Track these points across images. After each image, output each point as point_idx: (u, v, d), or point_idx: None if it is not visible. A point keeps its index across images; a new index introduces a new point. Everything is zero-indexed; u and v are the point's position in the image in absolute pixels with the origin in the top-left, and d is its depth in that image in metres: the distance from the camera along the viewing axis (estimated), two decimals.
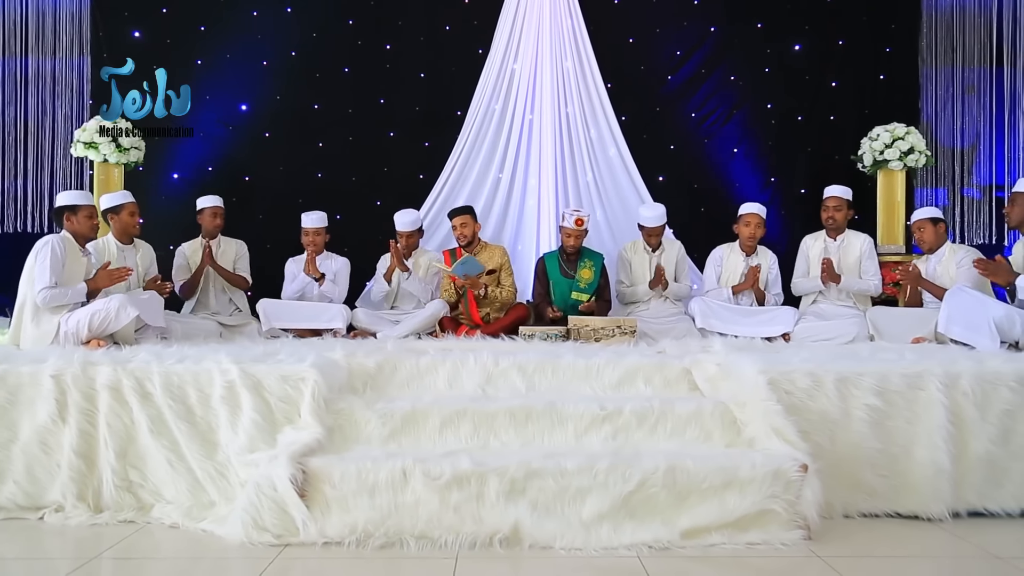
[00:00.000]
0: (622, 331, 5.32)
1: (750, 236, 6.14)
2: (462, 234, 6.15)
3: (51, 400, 3.67)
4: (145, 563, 3.21)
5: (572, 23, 7.29)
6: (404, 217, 6.30)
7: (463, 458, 3.28)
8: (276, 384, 3.67)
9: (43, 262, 4.60)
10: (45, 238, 4.72)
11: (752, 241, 6.15)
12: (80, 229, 4.90)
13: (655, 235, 6.25)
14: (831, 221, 6.06)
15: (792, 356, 4.08)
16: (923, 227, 5.66)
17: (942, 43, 7.80)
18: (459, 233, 6.16)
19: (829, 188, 6.17)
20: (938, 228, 5.65)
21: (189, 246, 6.29)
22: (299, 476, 3.19)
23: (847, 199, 6.09)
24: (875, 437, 3.64)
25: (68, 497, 3.61)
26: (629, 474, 3.21)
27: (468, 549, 3.10)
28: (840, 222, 6.07)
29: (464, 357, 4.23)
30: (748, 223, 6.15)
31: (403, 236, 6.26)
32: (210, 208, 6.28)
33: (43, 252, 4.63)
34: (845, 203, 6.07)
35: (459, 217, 6.21)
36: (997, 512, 3.64)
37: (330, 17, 7.48)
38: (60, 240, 4.73)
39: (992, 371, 3.73)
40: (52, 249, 4.63)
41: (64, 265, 4.70)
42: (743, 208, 6.22)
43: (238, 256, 6.34)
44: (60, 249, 4.68)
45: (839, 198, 6.07)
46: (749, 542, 3.16)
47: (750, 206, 6.21)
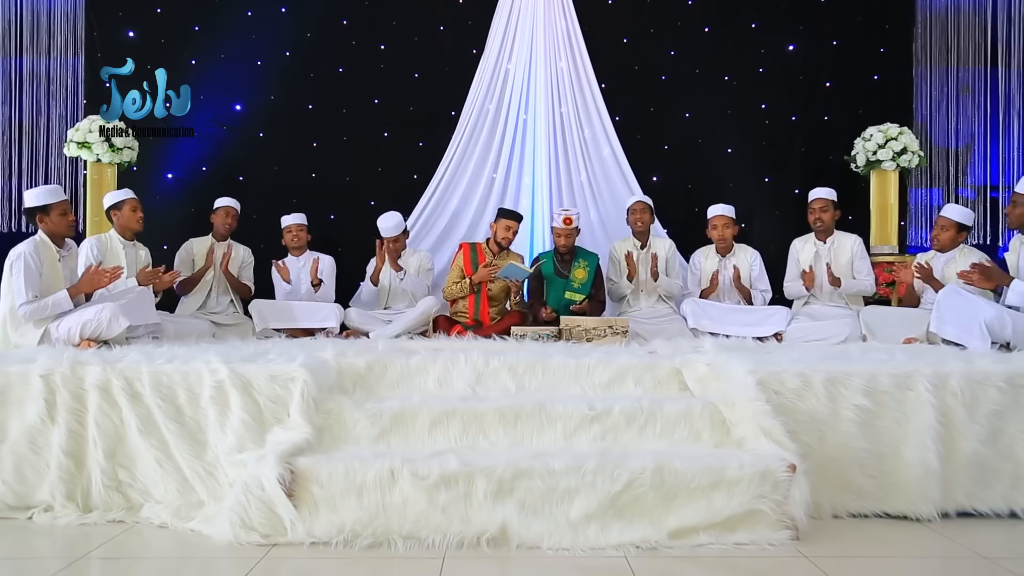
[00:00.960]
0: (614, 331, 5.32)
1: (720, 238, 6.20)
2: (506, 238, 6.10)
3: (40, 400, 3.66)
4: (133, 563, 3.20)
5: (566, 23, 7.30)
6: (387, 222, 6.27)
7: (451, 458, 3.28)
8: (265, 384, 3.66)
9: (17, 278, 4.46)
10: (16, 250, 4.53)
11: (724, 242, 6.19)
12: (56, 228, 4.68)
13: (640, 213, 6.30)
14: (819, 223, 6.07)
15: (782, 356, 4.09)
16: (948, 228, 5.55)
17: (937, 43, 7.82)
18: (503, 236, 6.10)
19: (813, 191, 6.18)
20: (959, 236, 5.57)
21: (199, 243, 6.32)
22: (287, 476, 3.19)
23: (832, 200, 6.08)
24: (864, 437, 3.64)
25: (57, 497, 3.60)
26: (617, 474, 3.21)
27: (456, 549, 3.10)
28: (828, 223, 6.06)
29: (454, 357, 4.23)
30: (715, 225, 6.22)
31: (389, 241, 6.26)
32: (223, 208, 6.35)
33: (16, 266, 4.47)
34: (831, 204, 6.07)
35: (514, 222, 6.16)
36: (986, 512, 3.64)
37: (324, 17, 7.49)
38: (33, 250, 4.53)
39: (981, 372, 3.73)
40: (25, 263, 4.47)
41: (41, 274, 4.55)
42: (710, 211, 6.30)
43: (244, 264, 6.42)
44: (34, 260, 4.51)
45: (824, 199, 6.07)
46: (737, 542, 3.16)
47: (716, 208, 6.28)
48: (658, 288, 6.18)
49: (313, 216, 6.68)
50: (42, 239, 4.68)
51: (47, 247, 4.67)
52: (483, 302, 6.01)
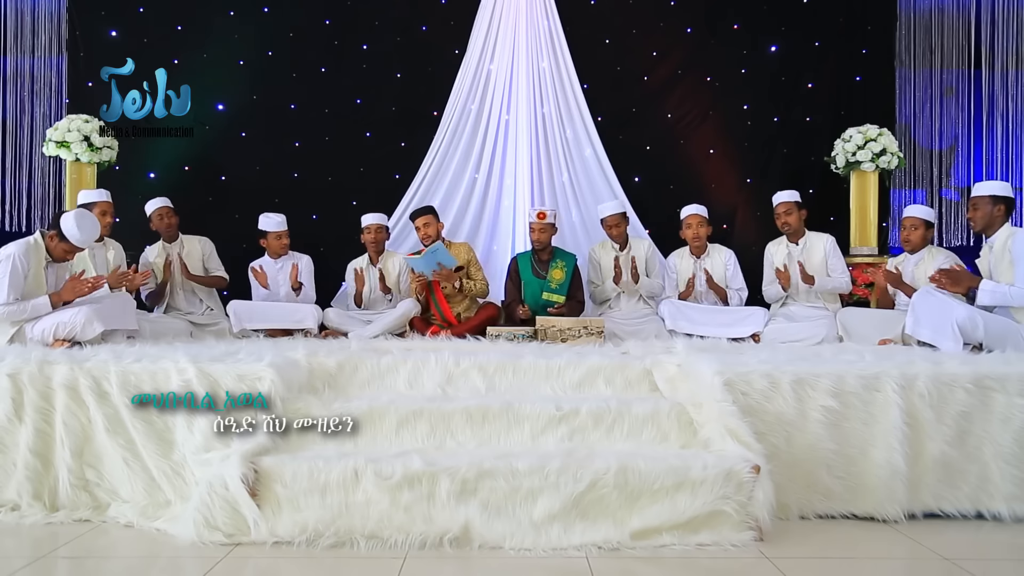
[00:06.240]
0: (588, 332, 5.33)
1: (694, 236, 6.19)
2: (426, 234, 6.13)
3: (7, 399, 3.67)
4: (97, 562, 3.21)
5: (548, 23, 7.31)
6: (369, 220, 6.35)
7: (415, 458, 3.28)
8: (233, 383, 3.66)
9: (2, 279, 4.46)
10: (6, 249, 4.54)
11: (698, 241, 6.19)
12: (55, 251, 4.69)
13: (616, 226, 6.28)
14: (786, 227, 6.07)
15: (751, 357, 4.08)
16: (917, 226, 5.57)
17: (920, 45, 7.83)
18: (423, 234, 6.15)
19: (776, 195, 6.18)
20: (928, 233, 5.62)
21: (152, 251, 6.19)
22: (251, 475, 3.19)
23: (796, 201, 6.07)
24: (831, 438, 3.64)
25: (24, 496, 3.61)
26: (580, 475, 3.21)
27: (418, 549, 3.10)
28: (794, 225, 6.05)
29: (425, 357, 4.24)
30: (690, 224, 6.21)
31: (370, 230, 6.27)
32: (156, 211, 6.19)
33: (3, 267, 4.47)
34: (794, 205, 6.05)
35: (422, 217, 6.20)
36: (952, 513, 3.64)
37: (306, 17, 7.48)
38: (23, 253, 4.54)
39: (949, 373, 3.72)
40: (13, 264, 4.47)
41: (26, 278, 4.56)
42: (684, 211, 6.31)
43: (206, 255, 6.29)
44: (22, 263, 4.51)
45: (787, 203, 6.06)
46: (699, 543, 3.16)
47: (689, 208, 6.28)
48: (639, 289, 6.17)
49: (295, 216, 6.64)
50: (36, 242, 4.66)
51: (39, 251, 4.66)
52: (443, 303, 6.01)
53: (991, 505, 3.64)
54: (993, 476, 3.65)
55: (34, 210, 7.66)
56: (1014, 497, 3.62)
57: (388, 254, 6.41)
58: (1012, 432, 3.66)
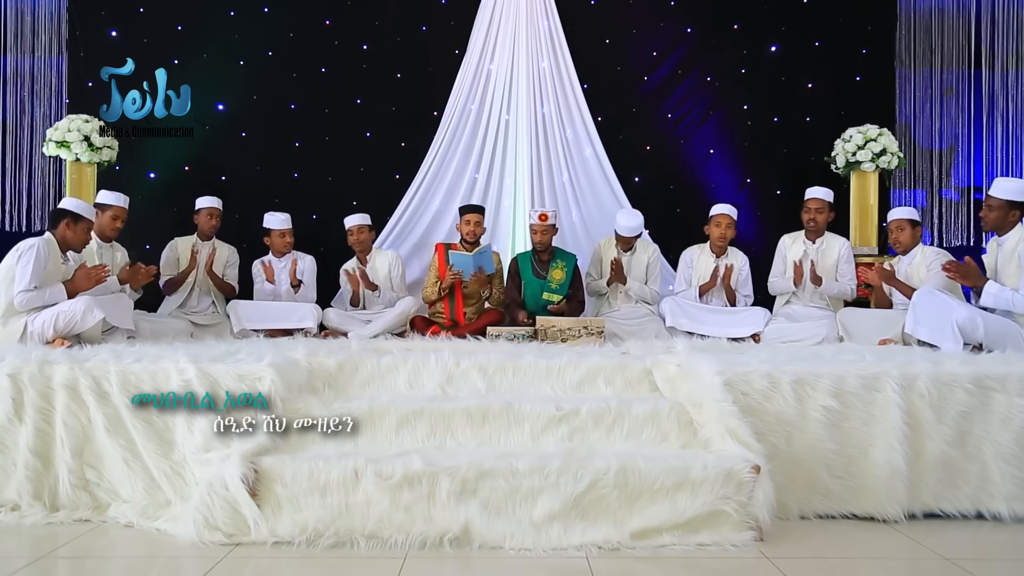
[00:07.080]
0: (588, 332, 5.33)
1: (720, 236, 6.14)
2: (473, 232, 6.13)
3: (7, 399, 3.66)
4: (97, 562, 3.21)
5: (548, 24, 7.30)
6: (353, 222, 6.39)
7: (415, 458, 3.28)
8: (233, 383, 3.66)
9: (26, 265, 4.59)
10: (30, 240, 4.71)
11: (723, 241, 6.16)
12: (74, 240, 4.92)
13: (629, 244, 6.26)
14: (812, 223, 6.05)
15: (751, 357, 4.09)
16: (903, 227, 5.61)
17: (920, 45, 7.81)
18: (469, 230, 6.14)
19: (811, 190, 6.15)
20: (916, 231, 5.64)
21: (183, 242, 6.32)
22: (251, 475, 3.19)
23: (829, 201, 6.07)
24: (831, 438, 3.63)
25: (24, 496, 3.60)
26: (580, 475, 3.21)
27: (418, 549, 3.10)
28: (821, 224, 6.05)
29: (425, 357, 4.24)
30: (719, 223, 6.15)
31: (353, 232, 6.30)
32: (206, 209, 6.32)
33: (28, 254, 4.62)
34: (827, 205, 6.05)
35: (473, 214, 6.22)
36: (952, 514, 3.64)
37: (307, 17, 7.47)
38: (45, 244, 4.72)
39: (949, 373, 3.72)
40: (38, 253, 4.63)
41: (45, 268, 4.69)
42: (714, 209, 6.24)
43: (228, 263, 6.42)
44: (45, 253, 4.68)
45: (821, 200, 6.05)
46: (699, 543, 3.16)
47: (721, 207, 6.22)
48: (628, 291, 6.17)
49: (295, 216, 6.63)
50: (50, 239, 4.82)
51: (55, 247, 4.83)
52: (458, 302, 6.02)
53: (991, 505, 3.64)
54: (993, 476, 3.65)
55: (34, 210, 7.64)
56: (1014, 497, 3.62)
57: (376, 252, 6.44)
58: (1012, 432, 3.66)
